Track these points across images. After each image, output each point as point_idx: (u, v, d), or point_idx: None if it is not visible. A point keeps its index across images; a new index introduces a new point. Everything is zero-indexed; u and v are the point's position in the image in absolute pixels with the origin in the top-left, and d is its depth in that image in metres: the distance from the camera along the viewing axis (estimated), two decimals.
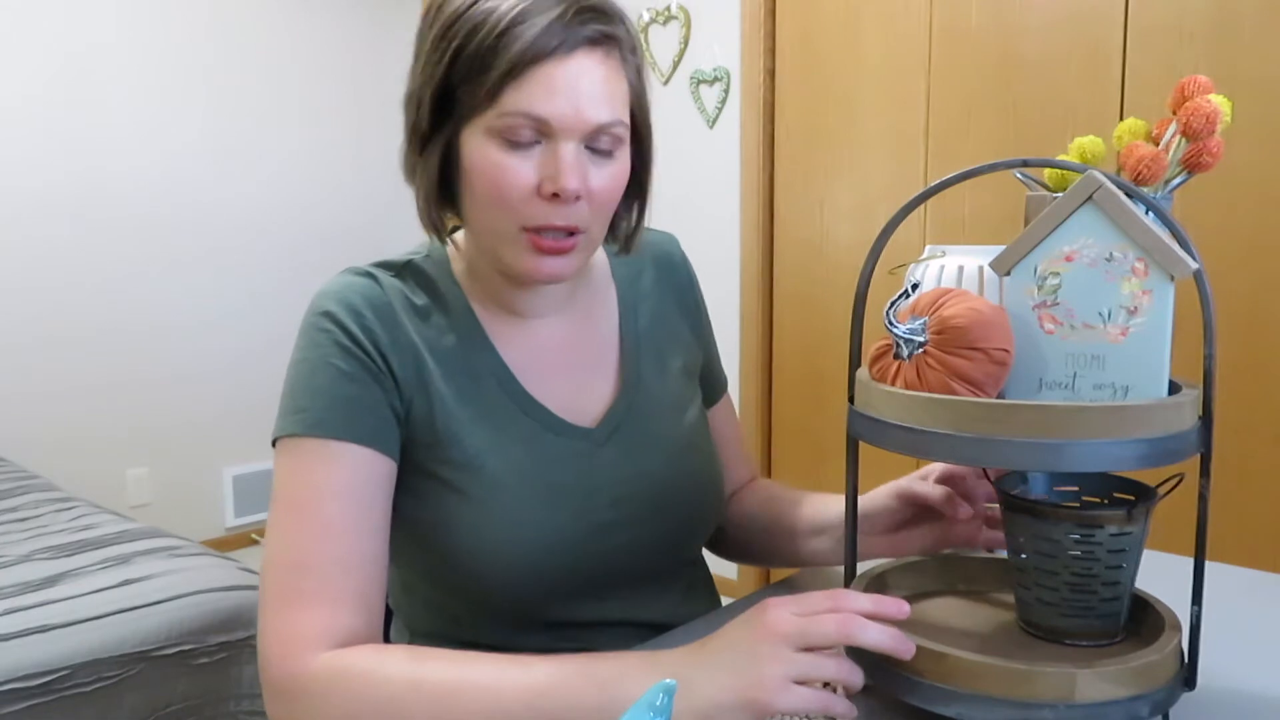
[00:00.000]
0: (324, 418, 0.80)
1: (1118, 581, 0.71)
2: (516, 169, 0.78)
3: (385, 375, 0.83)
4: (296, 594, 0.76)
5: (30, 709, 1.39)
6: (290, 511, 0.78)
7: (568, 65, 0.76)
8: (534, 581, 0.86)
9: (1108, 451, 0.62)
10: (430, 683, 0.70)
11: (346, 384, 0.81)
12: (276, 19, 3.52)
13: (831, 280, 2.86)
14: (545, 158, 0.78)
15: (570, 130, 0.77)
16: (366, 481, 0.80)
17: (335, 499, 0.78)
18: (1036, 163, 0.72)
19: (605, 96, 0.78)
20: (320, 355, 0.82)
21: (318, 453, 0.79)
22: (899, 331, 0.70)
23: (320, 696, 0.72)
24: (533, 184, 0.78)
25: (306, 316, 0.85)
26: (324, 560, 0.77)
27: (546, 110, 0.76)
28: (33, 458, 2.95)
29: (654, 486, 0.91)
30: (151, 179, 3.27)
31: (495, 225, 0.81)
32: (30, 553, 1.82)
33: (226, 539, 3.45)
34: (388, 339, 0.83)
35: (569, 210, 0.79)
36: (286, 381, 0.84)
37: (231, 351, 3.48)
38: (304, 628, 0.75)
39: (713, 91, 3.03)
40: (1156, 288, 0.66)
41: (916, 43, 2.62)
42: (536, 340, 0.91)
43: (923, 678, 0.67)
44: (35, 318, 3.07)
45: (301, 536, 0.77)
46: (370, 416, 0.81)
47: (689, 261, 1.05)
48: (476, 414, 0.85)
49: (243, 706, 1.59)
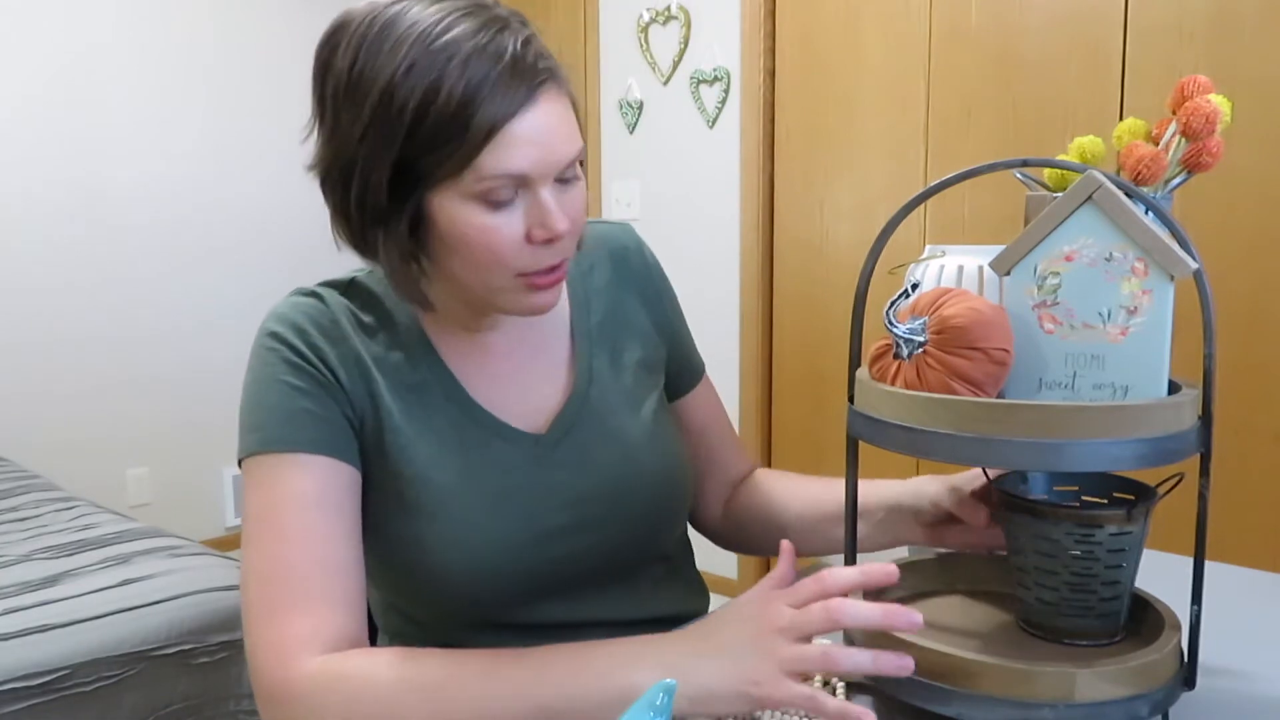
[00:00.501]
0: (280, 433, 0.80)
1: (1117, 581, 0.71)
2: (505, 226, 0.77)
3: (335, 387, 0.83)
4: (280, 602, 0.76)
5: (30, 709, 1.39)
6: (262, 525, 0.79)
7: (534, 115, 0.75)
8: (491, 588, 0.85)
9: (1107, 451, 0.62)
10: (424, 679, 0.71)
11: (299, 398, 0.82)
12: (276, 19, 3.52)
13: (831, 280, 2.87)
14: (528, 207, 0.78)
15: (547, 176, 0.77)
16: (331, 489, 0.80)
17: (304, 508, 0.78)
18: (1036, 163, 0.72)
19: (570, 133, 0.79)
20: (270, 373, 0.83)
21: (280, 467, 0.80)
22: (899, 331, 0.70)
23: (316, 700, 0.72)
24: (521, 234, 0.78)
25: (255, 339, 0.85)
26: (303, 566, 0.77)
27: (526, 166, 0.75)
28: (33, 457, 2.95)
29: (609, 488, 0.90)
30: (151, 179, 3.27)
31: (488, 280, 0.80)
32: (30, 552, 1.82)
33: (226, 539, 3.45)
34: (335, 354, 0.84)
35: (559, 247, 0.80)
36: (241, 404, 0.84)
37: (231, 351, 3.48)
38: (293, 633, 0.74)
39: (713, 91, 3.03)
40: (1156, 287, 0.66)
41: (916, 43, 2.62)
42: (484, 348, 0.90)
43: (923, 678, 0.67)
44: (35, 318, 3.07)
45: (277, 547, 0.77)
46: (325, 426, 0.82)
47: (646, 249, 1.03)
48: (424, 427, 0.85)
49: (243, 706, 1.59)
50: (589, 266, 0.98)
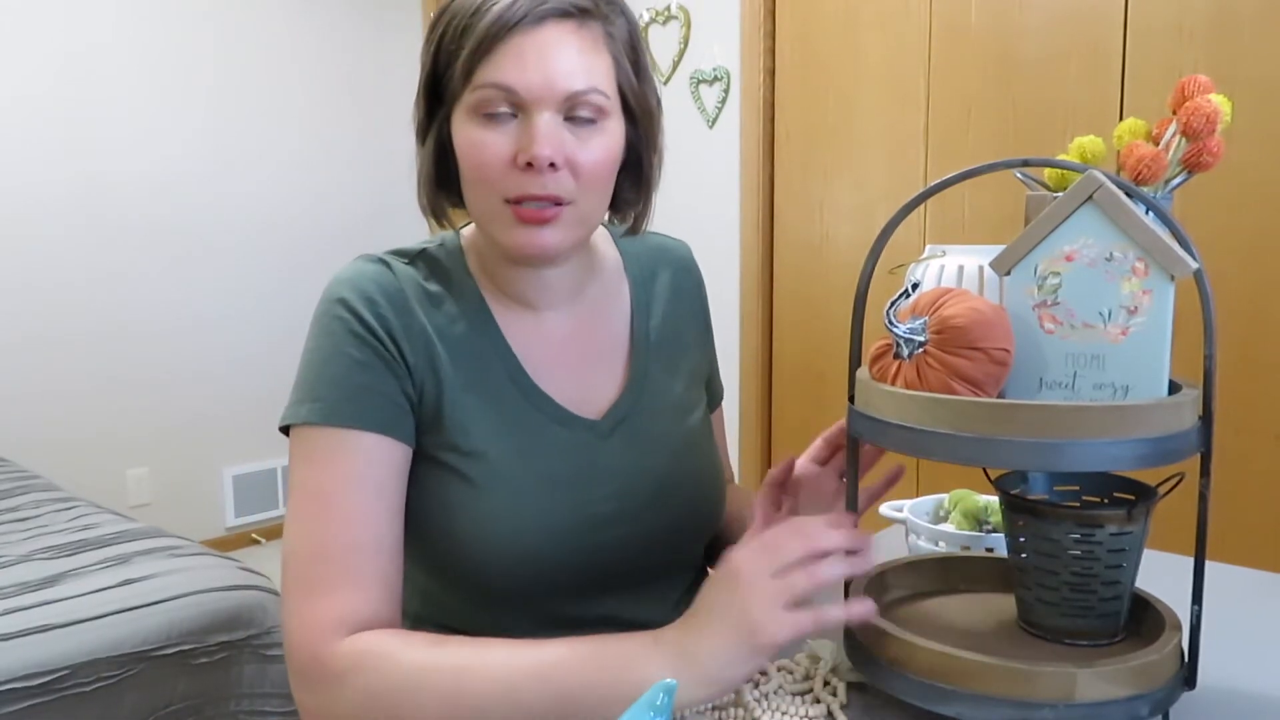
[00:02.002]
0: (339, 407, 0.81)
1: (1117, 581, 0.71)
2: (493, 143, 0.79)
3: (398, 362, 0.84)
4: (318, 581, 0.78)
5: (30, 709, 1.39)
6: (309, 502, 0.80)
7: (535, 35, 0.78)
8: (532, 572, 0.86)
9: (1108, 451, 0.62)
10: (448, 662, 0.73)
11: (361, 372, 0.82)
12: (276, 19, 3.52)
13: (831, 280, 2.87)
14: (520, 130, 0.79)
15: (541, 100, 0.78)
16: (382, 468, 0.81)
17: (353, 488, 0.80)
18: (1037, 162, 0.72)
19: (579, 66, 0.79)
20: (334, 344, 0.83)
21: (334, 442, 0.80)
22: (899, 331, 0.70)
23: (344, 679, 0.74)
24: (509, 155, 0.79)
25: (320, 304, 0.86)
26: (343, 547, 0.78)
27: (515, 80, 0.77)
28: (33, 457, 2.94)
29: (655, 483, 0.91)
30: (151, 179, 3.27)
31: (481, 203, 0.83)
32: (30, 552, 1.82)
33: (226, 539, 3.45)
34: (400, 325, 0.84)
35: (546, 180, 0.79)
36: (300, 369, 0.85)
37: (231, 351, 3.48)
38: (326, 613, 0.76)
39: (712, 91, 3.03)
40: (1156, 287, 0.66)
41: (916, 43, 2.62)
42: (546, 332, 0.91)
43: (923, 677, 0.68)
44: (35, 318, 3.07)
45: (320, 526, 0.79)
46: (385, 404, 0.82)
47: (697, 269, 1.06)
48: (482, 402, 0.86)
49: (243, 706, 1.59)
50: (652, 274, 1.00)
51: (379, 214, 3.79)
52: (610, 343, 0.95)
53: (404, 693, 0.72)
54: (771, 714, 0.73)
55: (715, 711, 0.74)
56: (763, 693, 0.77)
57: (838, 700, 0.75)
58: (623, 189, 0.90)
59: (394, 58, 3.85)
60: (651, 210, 0.94)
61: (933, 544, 1.01)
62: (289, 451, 0.83)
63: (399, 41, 3.87)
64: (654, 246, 1.02)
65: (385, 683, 0.73)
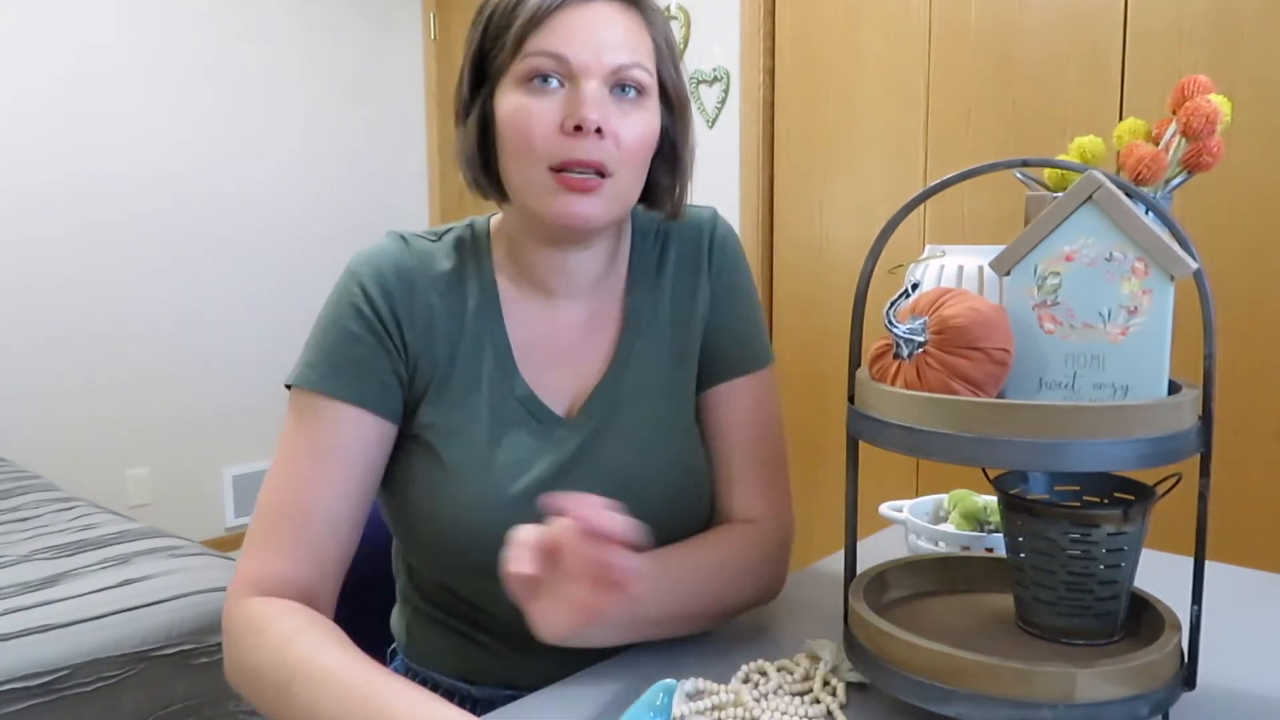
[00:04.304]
0: (325, 376, 0.85)
1: (1115, 581, 0.71)
2: (541, 109, 0.82)
3: (394, 342, 0.87)
4: (257, 537, 0.84)
5: (31, 709, 1.39)
6: (280, 461, 0.86)
7: (586, 11, 0.82)
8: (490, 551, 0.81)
9: (1108, 451, 0.62)
10: (289, 661, 0.74)
11: (354, 346, 0.86)
12: (278, 18, 3.52)
13: (831, 280, 2.87)
14: (569, 97, 0.82)
15: (589, 70, 0.81)
16: (353, 442, 0.85)
17: (318, 456, 0.84)
18: (1036, 163, 0.72)
19: (625, 43, 0.83)
20: (338, 314, 0.87)
21: (316, 408, 0.85)
22: (899, 331, 0.70)
23: (235, 638, 0.80)
24: (556, 121, 0.81)
25: (343, 273, 0.90)
26: (289, 510, 0.83)
27: (565, 49, 0.81)
28: (33, 458, 2.95)
29: (624, 482, 0.89)
30: (152, 179, 3.27)
31: (525, 172, 0.83)
32: (30, 553, 1.82)
33: (226, 539, 3.45)
34: (404, 305, 0.87)
35: (592, 145, 0.81)
36: (311, 328, 0.89)
37: (232, 351, 3.48)
38: (248, 569, 0.82)
39: (712, 91, 3.03)
40: (1156, 287, 0.66)
41: (916, 43, 2.62)
42: (550, 321, 0.93)
43: (921, 677, 0.68)
44: (36, 317, 3.07)
45: (280, 485, 0.84)
46: (371, 380, 0.86)
47: (722, 233, 0.99)
48: (465, 385, 0.89)
49: (243, 706, 1.59)
50: (660, 253, 0.98)
51: (379, 214, 3.79)
52: (603, 329, 0.94)
53: (247, 672, 0.77)
54: (771, 714, 0.73)
55: (715, 712, 0.74)
56: (762, 692, 0.77)
57: (837, 700, 0.75)
58: (658, 173, 0.92)
59: (395, 58, 3.85)
60: (688, 195, 0.96)
61: (932, 544, 1.01)
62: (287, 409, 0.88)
63: (399, 41, 3.87)
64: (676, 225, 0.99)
65: (257, 654, 0.76)
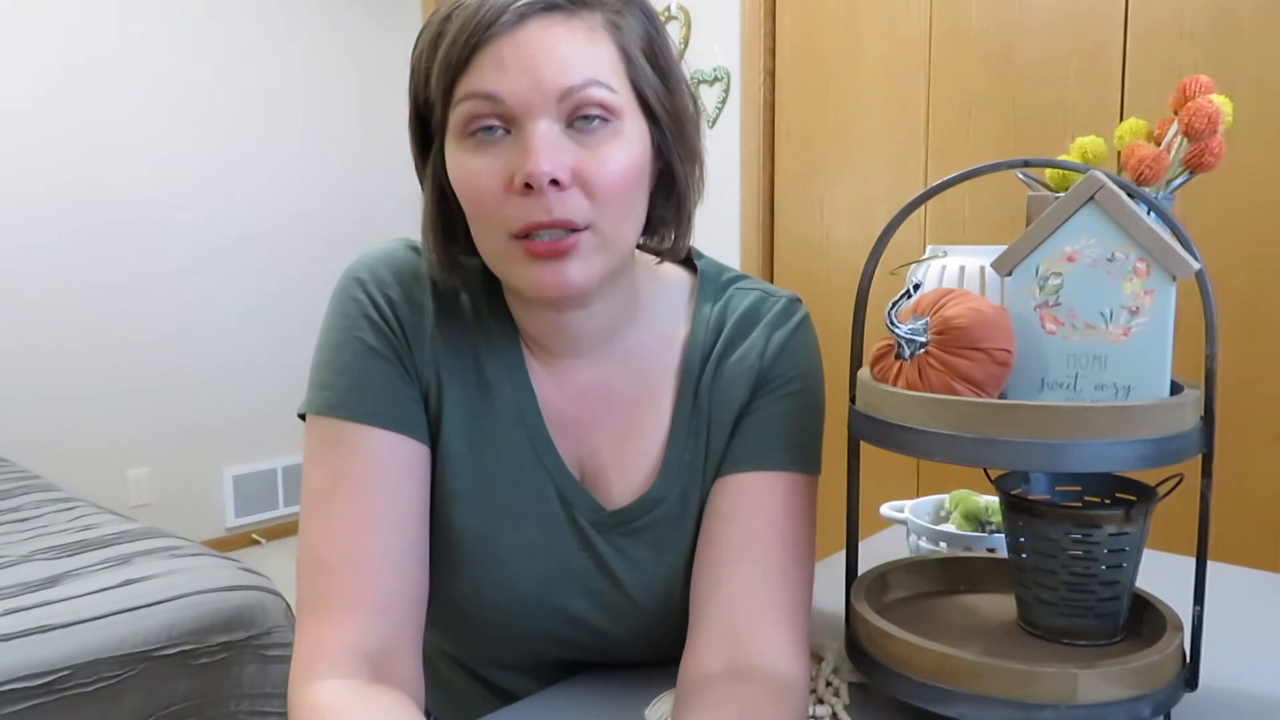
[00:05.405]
0: (348, 399, 0.73)
1: (1116, 581, 0.71)
2: (485, 169, 0.67)
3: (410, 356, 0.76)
4: (309, 604, 0.71)
5: (31, 709, 1.39)
6: (312, 504, 0.73)
7: (518, 35, 0.66)
8: (493, 632, 0.81)
9: (1109, 452, 0.62)
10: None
11: (373, 360, 0.74)
12: (276, 24, 3.52)
13: (831, 280, 2.86)
14: (514, 146, 0.67)
15: (531, 106, 0.66)
16: (393, 469, 0.73)
17: (356, 491, 0.72)
18: (1038, 163, 0.72)
19: (575, 60, 0.66)
20: (347, 326, 0.76)
21: (341, 436, 0.73)
22: (900, 332, 0.70)
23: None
24: (503, 180, 0.67)
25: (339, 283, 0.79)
26: (340, 561, 0.70)
27: (497, 86, 0.65)
28: (33, 458, 2.95)
29: (642, 600, 0.79)
30: (151, 184, 3.27)
31: (488, 244, 0.71)
32: (31, 553, 1.82)
33: (226, 539, 3.45)
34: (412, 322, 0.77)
35: (553, 202, 0.66)
36: (315, 350, 0.77)
37: (231, 353, 3.48)
38: (307, 644, 0.69)
39: (713, 92, 3.03)
40: (1158, 288, 0.66)
41: (916, 43, 2.62)
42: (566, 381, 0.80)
43: (923, 678, 0.67)
44: (36, 320, 3.07)
45: (320, 534, 0.72)
46: (398, 398, 0.75)
47: (790, 329, 0.84)
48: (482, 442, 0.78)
49: (243, 706, 1.59)
50: (729, 341, 0.82)
51: (379, 216, 3.79)
52: (648, 412, 0.80)
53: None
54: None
55: None
56: None
57: (841, 701, 0.75)
58: (657, 205, 0.77)
59: (394, 58, 3.85)
60: (690, 231, 0.80)
61: (934, 545, 1.01)
62: (305, 439, 0.76)
63: (399, 42, 3.86)
64: (752, 303, 0.83)
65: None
